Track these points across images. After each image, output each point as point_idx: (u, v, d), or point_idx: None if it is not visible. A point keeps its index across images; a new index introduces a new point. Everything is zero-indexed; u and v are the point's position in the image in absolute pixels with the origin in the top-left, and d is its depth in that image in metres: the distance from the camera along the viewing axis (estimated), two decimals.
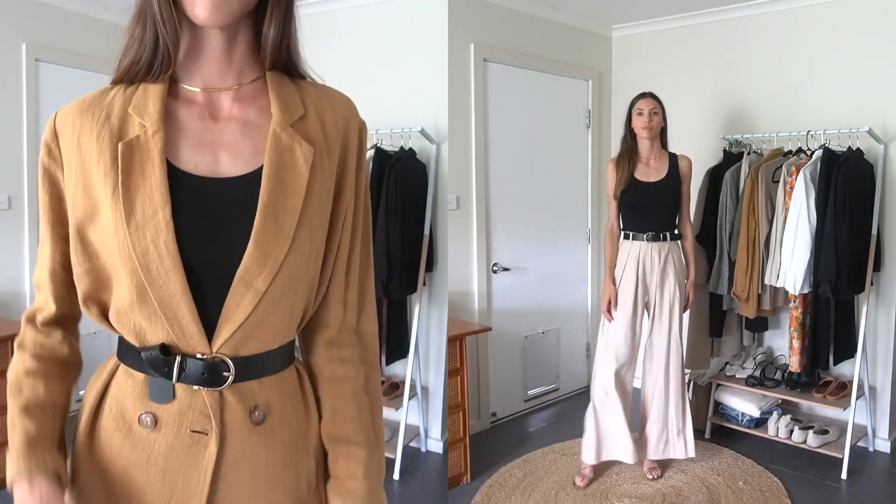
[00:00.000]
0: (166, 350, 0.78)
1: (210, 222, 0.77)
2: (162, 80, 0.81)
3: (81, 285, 0.82)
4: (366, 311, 0.90)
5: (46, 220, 0.83)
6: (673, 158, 2.69)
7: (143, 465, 0.80)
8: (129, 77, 0.82)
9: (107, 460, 0.81)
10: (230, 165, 0.80)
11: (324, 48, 3.31)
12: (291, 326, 0.84)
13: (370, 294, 0.91)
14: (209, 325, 0.77)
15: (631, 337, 2.62)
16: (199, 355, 0.77)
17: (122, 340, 0.82)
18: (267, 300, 0.77)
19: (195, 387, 0.78)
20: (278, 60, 0.84)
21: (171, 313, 0.76)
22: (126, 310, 0.79)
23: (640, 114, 2.61)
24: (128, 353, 0.81)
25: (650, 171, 2.66)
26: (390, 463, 2.88)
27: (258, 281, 0.76)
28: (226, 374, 0.78)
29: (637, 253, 2.62)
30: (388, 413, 3.13)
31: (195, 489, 0.79)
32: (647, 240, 2.62)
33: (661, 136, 2.68)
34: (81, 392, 0.83)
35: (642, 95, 2.64)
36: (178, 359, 0.77)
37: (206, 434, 0.79)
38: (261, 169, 0.80)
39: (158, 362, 0.77)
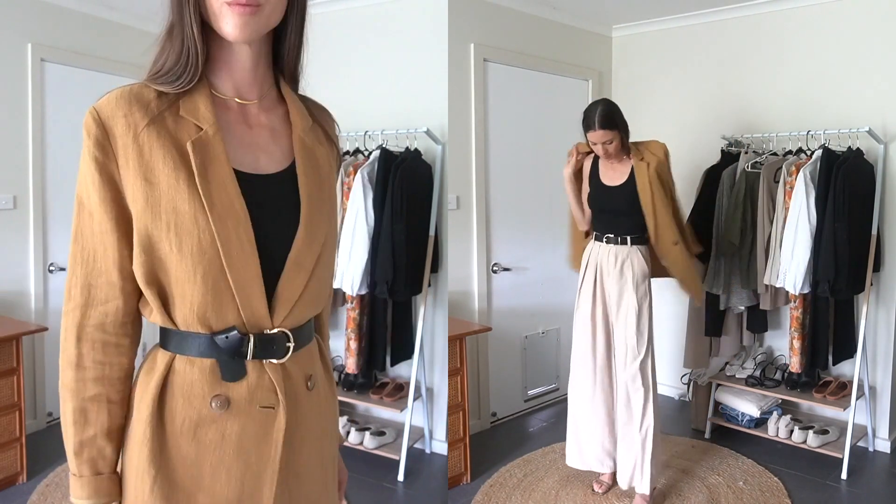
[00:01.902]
0: (232, 332, 0.84)
1: (261, 212, 0.85)
2: (200, 87, 0.87)
3: (139, 276, 0.84)
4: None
5: (109, 217, 0.84)
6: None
7: (217, 447, 0.84)
8: (160, 81, 0.86)
9: (178, 449, 0.84)
10: (268, 164, 0.90)
11: (325, 48, 3.33)
12: (319, 304, 0.95)
13: None
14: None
15: (596, 337, 2.55)
16: (266, 331, 0.86)
17: (177, 333, 0.86)
18: (314, 278, 0.89)
19: (263, 361, 0.86)
20: (294, 73, 0.95)
21: (245, 295, 0.83)
22: (191, 299, 0.83)
23: (593, 144, 2.49)
24: (189, 342, 0.85)
25: (615, 174, 2.56)
26: (394, 464, 2.89)
27: (307, 261, 0.87)
28: (288, 344, 0.88)
29: (596, 255, 2.57)
30: (392, 414, 3.15)
31: (268, 461, 0.86)
32: (606, 242, 2.56)
33: (623, 147, 2.52)
34: None
35: (591, 127, 2.43)
36: (251, 337, 0.84)
37: (274, 408, 0.86)
38: (288, 168, 0.91)
39: (235, 342, 0.84)
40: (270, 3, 0.84)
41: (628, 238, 2.51)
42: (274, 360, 0.87)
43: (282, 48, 0.91)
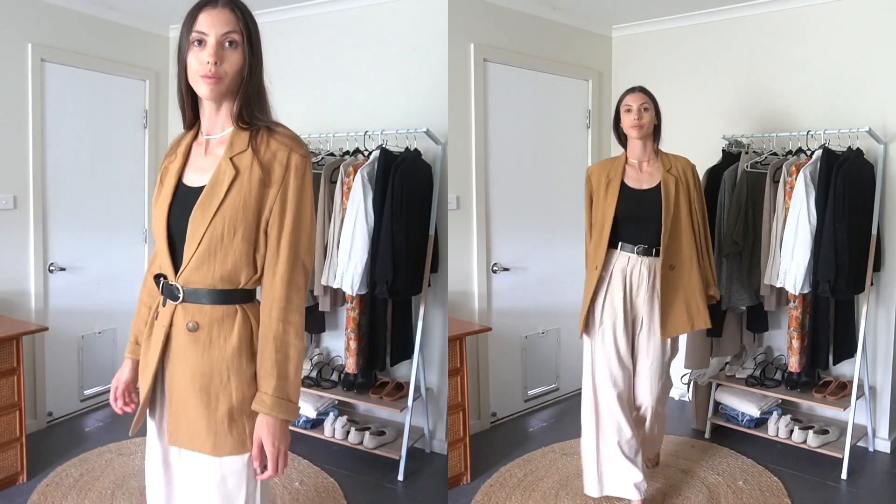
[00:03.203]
0: (160, 277, 1.39)
1: (184, 212, 1.33)
2: (193, 130, 1.41)
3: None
4: (294, 284, 1.33)
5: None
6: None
7: (152, 341, 1.40)
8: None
9: (146, 337, 1.44)
10: (202, 180, 1.35)
11: (325, 48, 3.33)
12: (216, 277, 1.33)
13: (298, 277, 1.34)
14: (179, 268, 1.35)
15: (624, 354, 2.38)
16: (170, 281, 1.35)
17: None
18: (196, 256, 1.31)
19: (168, 300, 1.36)
20: (242, 121, 1.35)
21: (163, 259, 1.36)
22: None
23: (628, 111, 2.34)
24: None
25: (643, 176, 2.38)
26: (394, 464, 2.88)
27: (191, 245, 1.31)
28: (178, 294, 1.35)
29: (624, 264, 2.35)
30: (392, 414, 3.15)
31: (155, 359, 1.38)
32: (638, 253, 2.33)
33: (655, 135, 2.41)
34: (88, 391, 0.91)
35: (630, 90, 2.39)
36: (163, 281, 1.38)
37: (164, 331, 1.36)
38: None
39: (157, 283, 1.39)
40: (229, 75, 1.30)
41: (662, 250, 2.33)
42: (171, 301, 1.36)
43: (234, 104, 1.34)
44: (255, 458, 1.33)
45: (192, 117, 1.38)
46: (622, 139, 2.46)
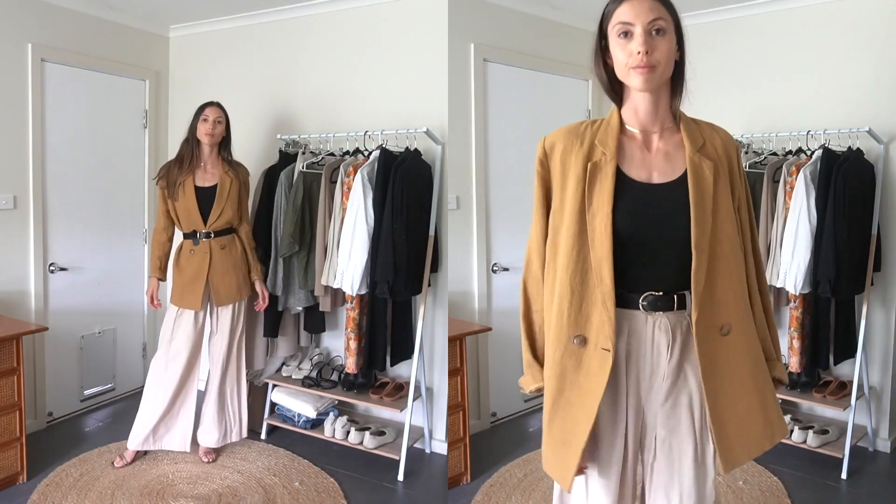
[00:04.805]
0: (193, 232, 2.84)
1: (208, 199, 2.80)
2: None
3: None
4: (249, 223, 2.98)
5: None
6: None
7: (196, 261, 2.82)
8: None
9: (182, 263, 2.85)
10: (212, 182, 2.88)
11: (325, 49, 3.33)
12: (224, 221, 2.83)
13: (246, 219, 3.00)
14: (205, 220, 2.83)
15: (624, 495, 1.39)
16: (203, 230, 2.82)
17: (184, 234, 2.89)
18: (218, 214, 2.80)
19: (203, 239, 2.82)
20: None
21: (195, 219, 2.82)
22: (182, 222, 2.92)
23: (624, 34, 1.27)
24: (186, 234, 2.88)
25: (653, 159, 1.33)
26: (394, 464, 2.89)
27: (216, 211, 2.80)
28: (210, 234, 2.82)
29: (626, 335, 1.31)
30: (392, 414, 3.15)
31: (202, 272, 2.81)
32: (646, 308, 1.29)
33: (675, 84, 1.35)
34: (88, 391, 0.84)
35: None
36: (197, 233, 2.82)
37: (207, 253, 2.80)
38: None
39: (192, 235, 2.84)
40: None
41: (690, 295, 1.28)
42: (205, 239, 2.79)
43: None
44: (261, 296, 2.98)
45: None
46: (615, 89, 1.38)
